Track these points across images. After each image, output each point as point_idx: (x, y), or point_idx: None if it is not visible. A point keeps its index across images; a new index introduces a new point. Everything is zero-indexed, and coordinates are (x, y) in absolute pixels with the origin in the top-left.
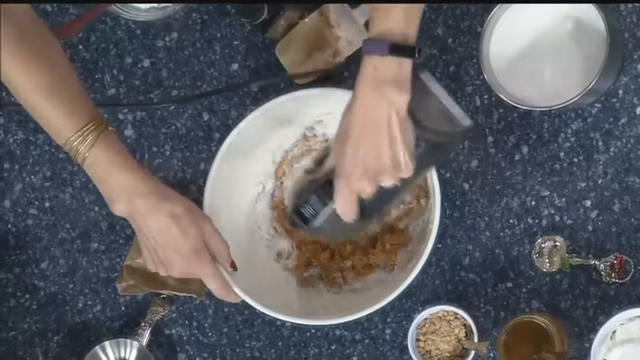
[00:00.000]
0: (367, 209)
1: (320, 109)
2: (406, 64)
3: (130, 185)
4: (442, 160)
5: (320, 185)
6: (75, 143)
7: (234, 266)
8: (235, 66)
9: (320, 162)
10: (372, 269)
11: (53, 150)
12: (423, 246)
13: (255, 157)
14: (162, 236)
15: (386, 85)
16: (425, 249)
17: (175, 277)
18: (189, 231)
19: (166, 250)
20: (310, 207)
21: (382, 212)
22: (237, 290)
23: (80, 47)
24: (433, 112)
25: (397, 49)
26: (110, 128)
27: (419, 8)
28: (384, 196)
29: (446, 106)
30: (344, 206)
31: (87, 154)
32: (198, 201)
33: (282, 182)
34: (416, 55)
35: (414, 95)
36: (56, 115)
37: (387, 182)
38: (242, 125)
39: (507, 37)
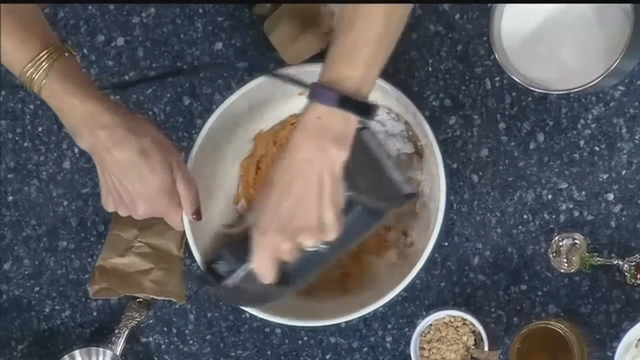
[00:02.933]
0: (290, 274)
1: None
2: (353, 120)
3: (91, 116)
4: (378, 225)
5: (237, 239)
6: (29, 73)
7: (198, 214)
8: (219, 45)
9: (240, 217)
10: (368, 267)
11: (17, 138)
12: (423, 244)
13: (237, 141)
14: (126, 173)
15: (327, 139)
16: (426, 248)
17: (139, 219)
18: (157, 168)
19: (130, 188)
20: (225, 264)
21: (308, 280)
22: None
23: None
24: (371, 175)
25: (347, 102)
26: (67, 54)
27: (382, 58)
28: (309, 261)
29: (386, 170)
30: (261, 265)
31: (42, 84)
32: None
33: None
34: (368, 113)
35: (352, 154)
36: (8, 44)
37: (308, 243)
38: (220, 110)
39: (521, 12)
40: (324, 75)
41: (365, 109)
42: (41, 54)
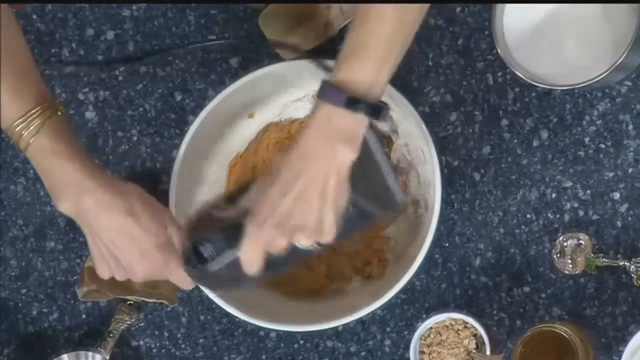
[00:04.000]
0: (272, 264)
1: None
2: (363, 121)
3: (77, 180)
4: (364, 230)
5: (229, 224)
6: (18, 128)
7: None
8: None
9: (232, 198)
10: (358, 271)
11: (3, 135)
12: (419, 241)
13: (228, 138)
14: (120, 237)
15: (337, 140)
16: (422, 246)
17: (139, 282)
18: (149, 227)
19: (126, 252)
20: (211, 247)
21: (288, 269)
22: (212, 296)
23: (34, 16)
24: (370, 179)
25: (356, 103)
26: (59, 113)
27: (394, 59)
28: (295, 255)
29: (384, 176)
30: (250, 255)
31: (30, 141)
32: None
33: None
34: (378, 115)
35: (357, 157)
36: None
37: (303, 243)
38: (210, 106)
39: (524, 6)
40: (334, 74)
41: (375, 110)
42: (34, 110)
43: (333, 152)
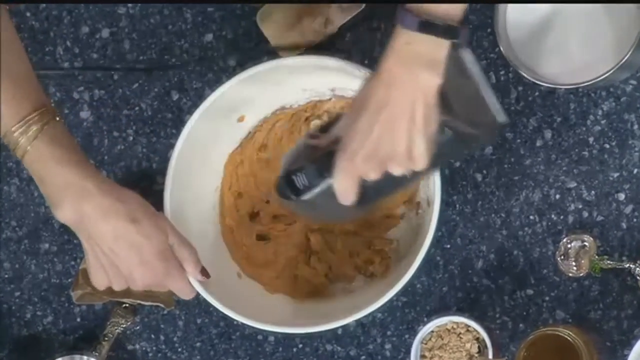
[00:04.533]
0: (367, 194)
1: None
2: (443, 44)
3: (77, 185)
4: (461, 156)
5: (320, 154)
6: (16, 134)
7: (205, 273)
8: (209, 37)
9: (325, 128)
10: (361, 270)
11: None
12: (420, 241)
13: (223, 138)
14: (120, 243)
15: (418, 65)
16: (421, 247)
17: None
18: (150, 233)
19: (126, 259)
20: (304, 177)
21: (383, 199)
22: (209, 298)
23: (28, 14)
24: (467, 98)
25: (432, 26)
26: (58, 118)
27: None
28: (389, 184)
29: (483, 95)
30: (344, 186)
31: (28, 148)
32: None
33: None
34: (455, 36)
35: (449, 74)
36: None
37: (396, 171)
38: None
39: (528, 3)
40: None
41: (454, 32)
42: (32, 115)
43: (415, 78)
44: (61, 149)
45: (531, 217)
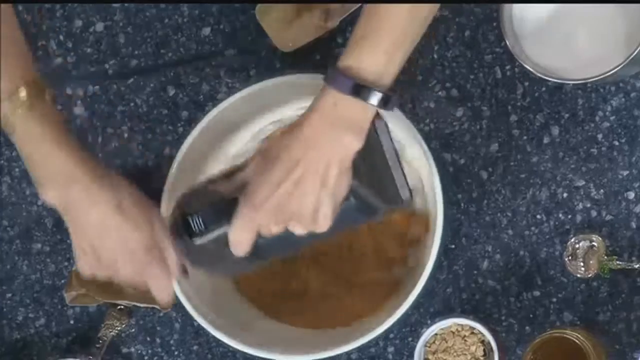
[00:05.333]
0: (262, 248)
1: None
2: (370, 110)
3: (65, 169)
4: (357, 224)
5: (222, 200)
6: (4, 109)
7: (185, 271)
8: (206, 31)
9: (230, 175)
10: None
11: None
12: (427, 250)
13: (231, 142)
14: (106, 232)
15: (342, 128)
16: (429, 256)
17: (122, 282)
18: (137, 224)
19: (110, 249)
20: (200, 220)
21: (276, 256)
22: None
23: (20, 7)
24: (375, 170)
25: (363, 91)
26: (48, 97)
27: (405, 48)
28: (287, 241)
29: (391, 168)
30: (240, 236)
31: (16, 124)
32: (161, 192)
33: None
34: (385, 102)
35: (365, 145)
36: None
37: (297, 231)
38: (222, 106)
39: None
40: (342, 59)
41: (384, 100)
42: (21, 89)
43: (337, 141)
44: (51, 129)
45: (538, 217)
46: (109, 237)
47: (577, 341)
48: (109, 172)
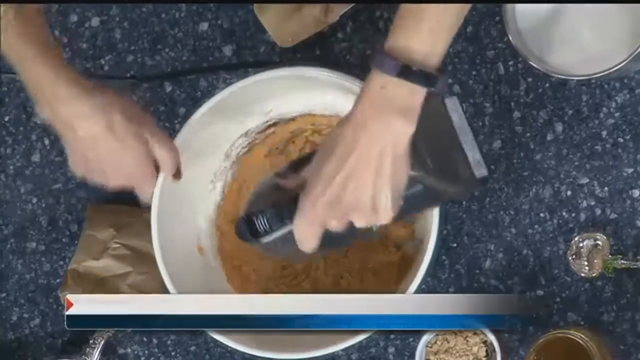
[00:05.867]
0: (328, 240)
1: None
2: (419, 91)
3: (49, 90)
4: (435, 207)
5: (284, 197)
6: None
7: (177, 175)
8: (204, 26)
9: (296, 166)
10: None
11: None
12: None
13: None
14: (95, 149)
15: (391, 111)
16: (425, 252)
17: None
18: (128, 143)
19: (101, 162)
20: (264, 221)
21: (345, 247)
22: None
23: None
24: (445, 151)
25: (410, 73)
26: (37, 15)
27: (451, 26)
28: (352, 233)
29: (463, 147)
30: (304, 233)
31: (2, 39)
32: None
33: None
34: (433, 84)
35: (424, 125)
36: None
37: (359, 223)
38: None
39: None
40: (387, 41)
41: (432, 80)
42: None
43: (387, 125)
44: (33, 45)
45: (541, 215)
46: (98, 154)
47: (581, 341)
48: (100, 89)
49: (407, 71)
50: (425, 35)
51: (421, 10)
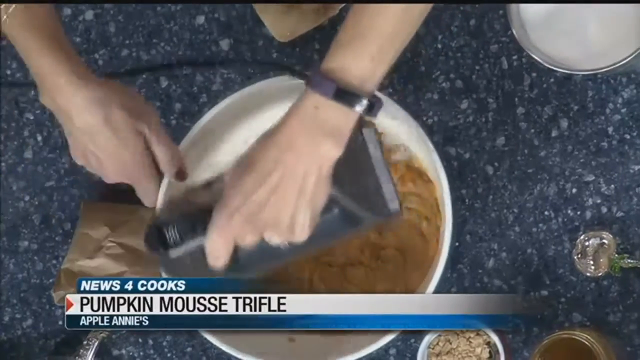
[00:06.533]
0: (242, 261)
1: None
2: (352, 116)
3: (49, 80)
4: (343, 236)
5: (198, 210)
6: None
7: (180, 175)
8: (201, 19)
9: (209, 184)
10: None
11: None
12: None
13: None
14: (94, 143)
15: (322, 133)
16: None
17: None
18: (125, 139)
19: (99, 157)
20: (175, 232)
21: (259, 271)
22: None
23: None
24: (361, 179)
25: (346, 96)
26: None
27: (393, 53)
28: (268, 253)
29: (378, 178)
30: (216, 247)
31: (6, 28)
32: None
33: None
34: (369, 109)
35: (348, 151)
36: None
37: (273, 240)
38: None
39: None
40: (326, 62)
41: (367, 105)
42: None
43: (316, 147)
44: (33, 34)
45: (546, 213)
46: (97, 147)
47: (586, 343)
48: (100, 81)
49: (343, 94)
50: (366, 60)
51: (365, 33)
